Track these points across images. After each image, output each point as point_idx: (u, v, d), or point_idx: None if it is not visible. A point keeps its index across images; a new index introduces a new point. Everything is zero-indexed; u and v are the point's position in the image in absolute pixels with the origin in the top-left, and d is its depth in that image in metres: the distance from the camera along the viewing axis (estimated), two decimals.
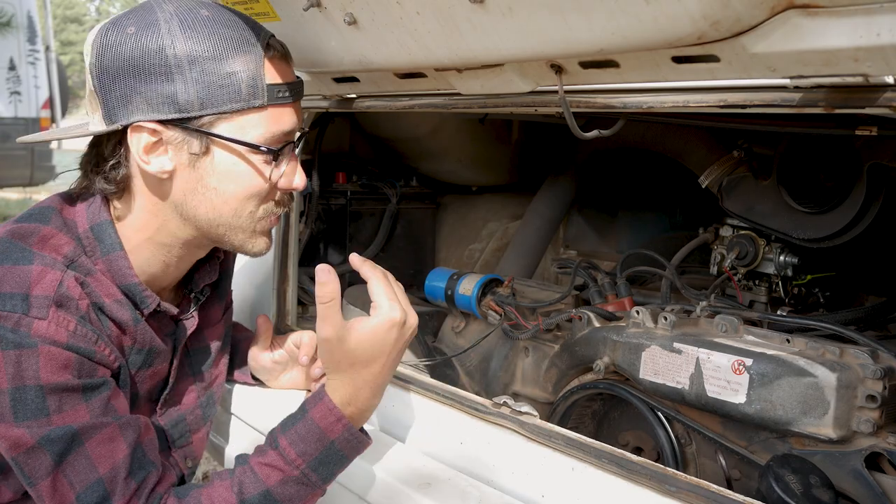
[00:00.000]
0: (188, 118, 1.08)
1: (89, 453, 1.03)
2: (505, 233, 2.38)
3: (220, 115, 1.09)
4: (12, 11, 7.77)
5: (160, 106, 1.07)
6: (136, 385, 1.21)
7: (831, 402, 1.10)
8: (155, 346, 1.21)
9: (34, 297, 1.03)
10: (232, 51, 1.08)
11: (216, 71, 1.07)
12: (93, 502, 1.02)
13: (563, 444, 1.18)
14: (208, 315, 1.41)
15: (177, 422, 1.34)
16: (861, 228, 1.38)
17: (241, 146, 1.11)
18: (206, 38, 1.07)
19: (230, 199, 1.14)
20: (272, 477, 1.10)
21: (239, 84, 1.08)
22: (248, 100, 1.09)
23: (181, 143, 1.10)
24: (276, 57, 1.13)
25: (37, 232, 1.10)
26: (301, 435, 1.12)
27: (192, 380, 1.37)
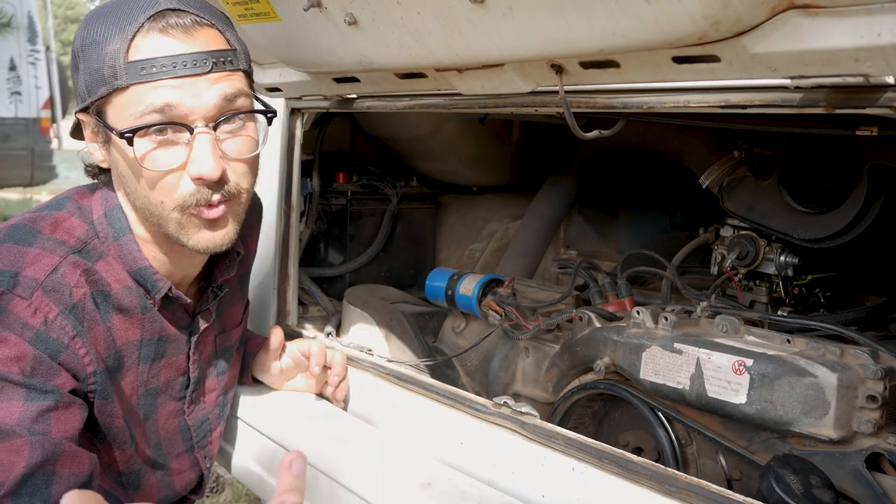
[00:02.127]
0: (87, 107, 1.09)
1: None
2: (505, 233, 2.38)
3: (101, 100, 1.07)
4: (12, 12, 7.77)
5: (77, 97, 1.10)
6: (153, 378, 1.21)
7: (832, 403, 1.10)
8: (166, 335, 1.21)
9: (23, 277, 1.02)
10: (110, 33, 1.05)
11: (95, 56, 1.06)
12: None
13: (564, 444, 1.18)
14: (232, 315, 1.41)
15: (201, 422, 1.34)
16: (861, 228, 1.38)
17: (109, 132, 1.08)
18: (96, 23, 1.07)
19: (137, 188, 1.11)
20: None
21: (104, 66, 1.05)
22: (112, 81, 1.05)
23: (96, 132, 1.13)
24: (154, 30, 1.05)
25: (49, 217, 1.11)
26: None
27: (216, 380, 1.37)
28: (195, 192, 1.09)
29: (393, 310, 1.90)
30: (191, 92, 1.05)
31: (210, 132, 1.07)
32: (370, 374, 1.57)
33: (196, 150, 1.07)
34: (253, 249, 1.47)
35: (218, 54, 1.08)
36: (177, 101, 1.04)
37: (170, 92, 1.04)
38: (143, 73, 1.03)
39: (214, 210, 1.11)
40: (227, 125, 1.11)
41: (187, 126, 1.07)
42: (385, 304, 1.93)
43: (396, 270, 2.32)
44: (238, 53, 1.12)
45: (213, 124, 1.08)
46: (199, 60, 1.05)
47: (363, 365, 1.60)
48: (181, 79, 1.05)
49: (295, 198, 1.81)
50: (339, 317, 1.97)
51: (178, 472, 1.31)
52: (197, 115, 1.06)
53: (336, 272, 2.19)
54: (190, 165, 1.07)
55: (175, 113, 1.05)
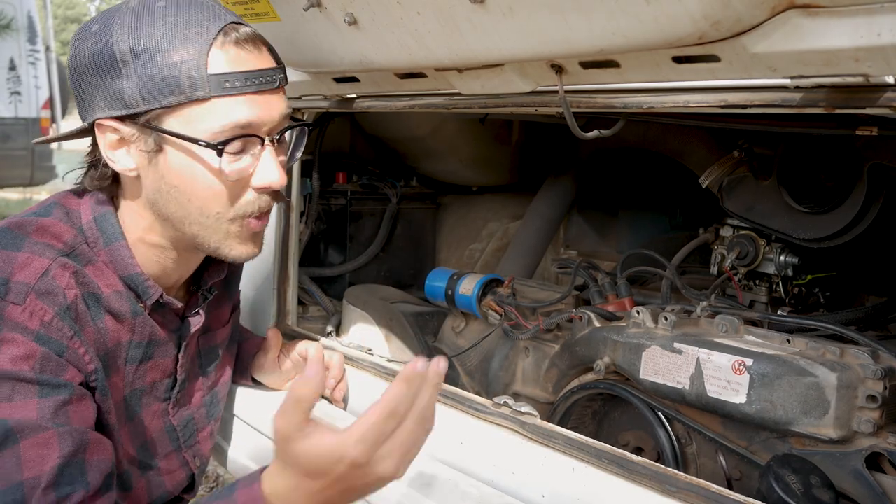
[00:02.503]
0: (137, 114, 1.06)
1: (20, 454, 0.96)
2: (505, 233, 2.38)
3: (164, 109, 1.05)
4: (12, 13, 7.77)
5: (113, 102, 1.06)
6: (139, 380, 1.21)
7: (832, 403, 1.10)
8: (156, 338, 1.20)
9: (14, 283, 1.02)
10: (176, 41, 1.04)
11: (158, 63, 1.03)
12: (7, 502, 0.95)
13: (564, 444, 1.18)
14: (218, 315, 1.41)
15: (186, 422, 1.34)
16: (861, 228, 1.38)
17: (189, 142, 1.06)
18: (152, 29, 1.04)
19: (193, 199, 1.10)
20: None
21: (178, 76, 1.03)
22: (190, 92, 1.04)
23: (137, 140, 1.08)
24: (229, 43, 1.06)
25: (35, 222, 1.10)
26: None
27: (201, 380, 1.37)
28: (256, 201, 1.13)
29: (393, 310, 1.90)
30: (265, 107, 1.10)
31: (274, 145, 1.13)
32: (370, 374, 1.57)
33: (265, 161, 1.11)
34: None
35: (280, 70, 1.13)
36: (257, 117, 1.09)
37: (251, 108, 1.08)
38: (227, 87, 1.05)
39: (263, 220, 1.16)
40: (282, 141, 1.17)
41: (260, 139, 1.11)
42: (385, 304, 1.93)
43: (396, 270, 2.32)
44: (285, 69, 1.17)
45: (276, 137, 1.13)
46: (271, 77, 1.10)
47: (363, 365, 1.60)
48: (258, 94, 1.09)
49: (295, 198, 1.81)
50: (339, 317, 1.97)
51: (167, 471, 1.31)
52: (267, 128, 1.11)
53: (336, 272, 2.19)
54: (259, 176, 1.11)
55: (253, 128, 1.09)
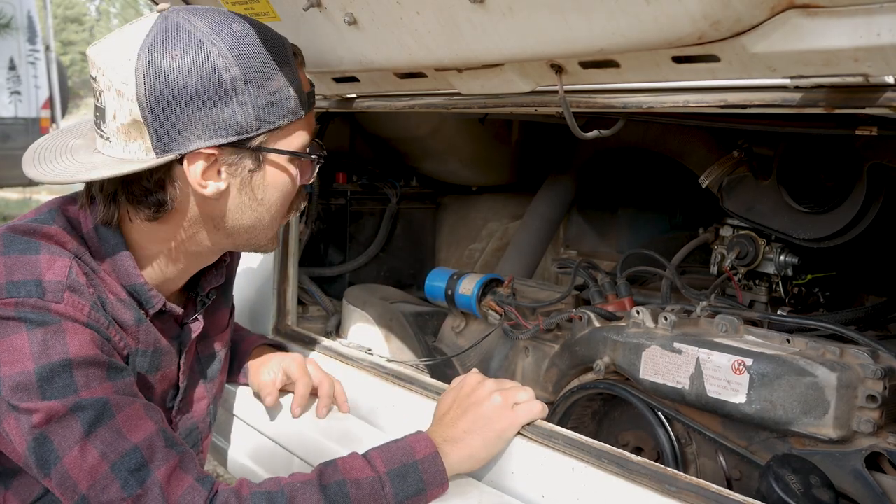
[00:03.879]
0: (248, 138, 1.09)
1: (120, 426, 1.01)
2: (505, 233, 2.38)
3: (273, 131, 1.11)
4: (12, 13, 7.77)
5: (220, 130, 1.06)
6: (147, 389, 1.21)
7: (831, 402, 1.10)
8: (160, 346, 1.21)
9: (47, 283, 1.03)
10: (275, 65, 1.09)
11: (267, 88, 1.08)
12: (131, 469, 0.99)
13: (564, 444, 1.18)
14: (216, 321, 1.40)
15: (190, 430, 1.33)
16: (861, 228, 1.38)
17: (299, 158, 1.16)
18: (252, 55, 1.07)
19: (272, 207, 1.18)
20: (351, 473, 1.09)
21: (288, 98, 1.10)
22: (297, 112, 1.12)
23: (237, 163, 1.10)
24: (300, 63, 1.16)
25: (40, 230, 1.10)
26: (390, 449, 1.15)
27: (204, 387, 1.36)
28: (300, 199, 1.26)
29: (393, 310, 1.90)
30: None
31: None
32: (370, 374, 1.57)
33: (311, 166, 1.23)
34: (237, 255, 1.47)
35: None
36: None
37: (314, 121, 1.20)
38: (310, 104, 1.18)
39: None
40: None
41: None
42: (385, 303, 1.93)
43: (396, 270, 2.32)
44: None
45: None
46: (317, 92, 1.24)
47: (363, 365, 1.60)
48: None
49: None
50: (339, 317, 1.97)
51: None
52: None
53: (336, 272, 2.19)
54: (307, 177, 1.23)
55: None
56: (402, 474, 1.11)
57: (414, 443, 1.15)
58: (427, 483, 1.12)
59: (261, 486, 1.07)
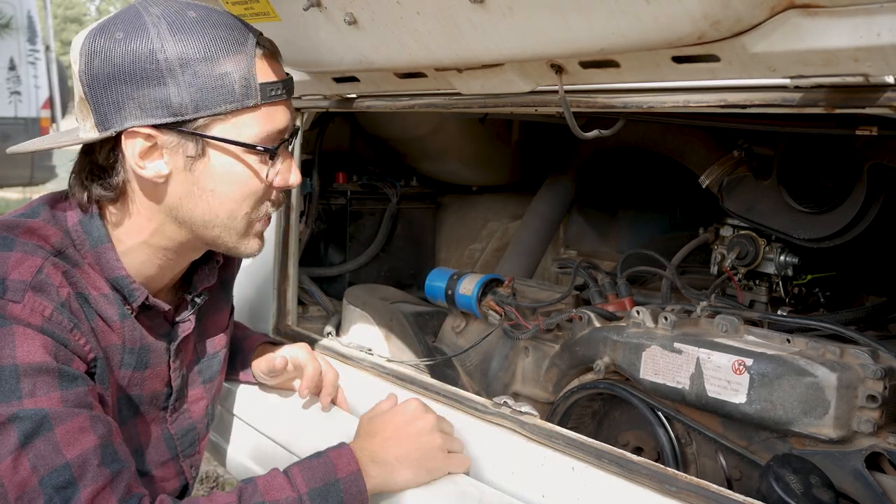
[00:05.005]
0: (182, 121, 1.07)
1: (57, 439, 0.99)
2: (505, 233, 2.38)
3: (214, 116, 1.08)
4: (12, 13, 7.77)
5: (154, 110, 1.06)
6: (135, 387, 1.20)
7: (831, 402, 1.10)
8: (146, 343, 1.20)
9: (10, 281, 1.02)
10: (223, 51, 1.07)
11: (209, 73, 1.06)
12: (57, 485, 0.97)
13: (564, 444, 1.18)
14: (216, 321, 1.40)
15: (187, 431, 1.33)
16: (861, 228, 1.38)
17: (236, 147, 1.11)
18: (196, 39, 1.06)
19: (227, 201, 1.14)
20: (271, 493, 1.08)
21: (232, 84, 1.08)
22: (242, 100, 1.09)
23: (176, 146, 1.09)
24: (266, 55, 1.13)
25: (23, 224, 1.10)
26: (311, 465, 1.12)
27: (203, 388, 1.36)
28: (276, 202, 1.21)
29: (393, 310, 1.90)
30: (291, 113, 1.18)
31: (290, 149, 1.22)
32: (370, 373, 1.57)
33: (287, 164, 1.19)
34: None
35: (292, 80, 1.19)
36: (289, 124, 1.17)
37: (285, 115, 1.16)
38: (272, 95, 1.12)
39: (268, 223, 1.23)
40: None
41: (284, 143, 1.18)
42: (385, 303, 1.93)
43: (396, 270, 2.32)
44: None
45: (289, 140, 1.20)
46: (291, 85, 1.18)
47: (363, 365, 1.60)
48: (287, 101, 1.17)
49: (295, 197, 1.81)
50: (339, 317, 1.97)
51: (161, 480, 1.30)
52: (288, 133, 1.18)
53: (336, 272, 2.19)
54: (283, 177, 1.18)
55: (285, 133, 1.17)
56: (322, 494, 1.09)
57: (336, 459, 1.13)
58: (346, 499, 1.10)
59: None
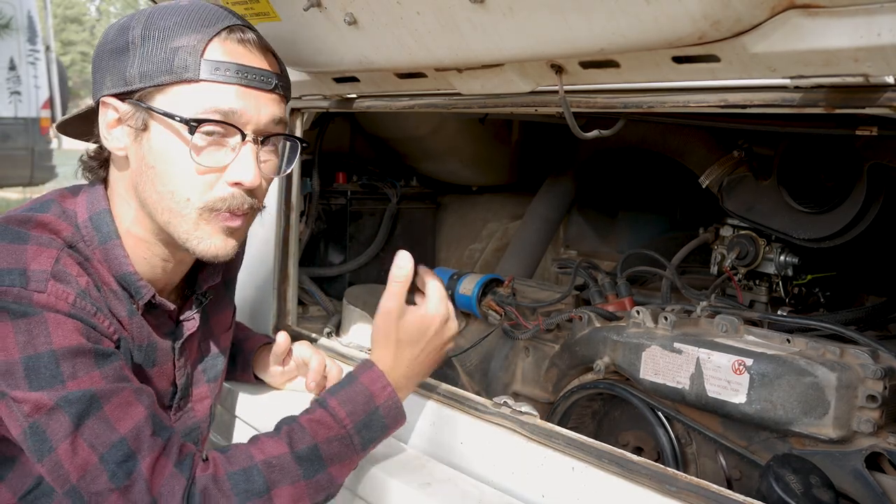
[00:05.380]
0: (131, 91, 1.10)
1: (108, 416, 1.02)
2: (505, 233, 2.39)
3: (155, 87, 1.09)
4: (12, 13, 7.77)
5: (116, 82, 1.11)
6: (146, 383, 1.21)
7: (831, 402, 1.10)
8: (153, 341, 1.21)
9: (31, 272, 1.03)
10: (183, 30, 1.09)
11: (160, 47, 1.09)
12: (118, 461, 1.01)
13: (564, 444, 1.18)
14: (220, 320, 1.41)
15: (191, 430, 1.33)
16: (861, 228, 1.38)
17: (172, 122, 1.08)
18: (166, 20, 1.10)
19: (167, 181, 1.11)
20: (320, 433, 1.13)
21: (174, 57, 1.08)
22: (180, 72, 1.08)
23: (130, 117, 1.12)
24: (231, 39, 1.11)
25: (34, 218, 1.11)
26: (350, 396, 1.17)
27: (207, 387, 1.36)
28: (228, 198, 1.13)
29: None
30: (253, 104, 1.11)
31: (257, 145, 1.14)
32: None
33: (242, 157, 1.12)
34: (240, 255, 1.47)
35: (279, 77, 1.16)
36: (241, 109, 1.10)
37: (236, 98, 1.10)
38: (217, 73, 1.09)
39: (237, 219, 1.15)
40: (267, 145, 1.18)
41: (241, 133, 1.12)
42: None
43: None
44: (289, 85, 1.21)
45: (261, 139, 1.14)
46: (266, 77, 1.13)
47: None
48: (248, 89, 1.11)
49: (295, 198, 1.81)
50: (339, 316, 1.97)
51: None
52: (251, 126, 1.12)
53: (336, 272, 2.19)
54: (232, 170, 1.12)
55: (236, 119, 1.11)
56: (367, 424, 1.17)
57: (371, 385, 1.19)
58: (389, 425, 1.20)
59: (232, 464, 1.08)
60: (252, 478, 1.07)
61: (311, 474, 1.11)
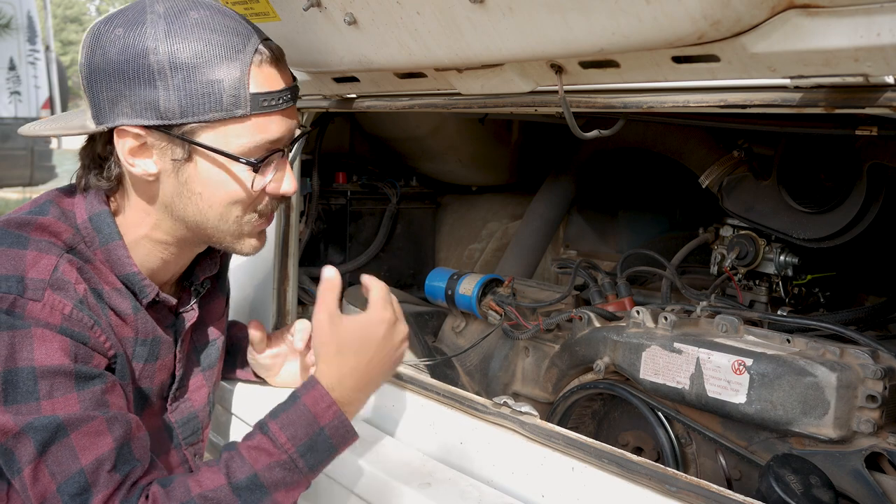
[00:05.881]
0: (170, 125, 1.07)
1: (73, 445, 1.01)
2: (505, 233, 2.38)
3: (201, 123, 1.08)
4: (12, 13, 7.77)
5: (143, 111, 1.07)
6: (146, 379, 1.21)
7: (831, 402, 1.10)
8: (158, 336, 1.21)
9: (30, 280, 1.03)
10: (216, 57, 1.06)
11: (198, 79, 1.06)
12: (73, 493, 1.00)
13: (563, 444, 1.18)
14: (211, 310, 1.41)
15: (188, 419, 1.33)
16: (861, 228, 1.38)
17: (224, 157, 1.10)
18: (190, 43, 1.05)
19: (214, 205, 1.15)
20: (260, 460, 1.08)
21: (221, 93, 1.07)
22: (231, 109, 1.08)
23: (164, 148, 1.10)
24: (265, 62, 1.11)
25: (34, 221, 1.10)
26: (291, 419, 1.11)
27: (202, 376, 1.36)
28: (268, 206, 1.20)
29: None
30: (289, 123, 1.16)
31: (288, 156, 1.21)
32: None
33: (285, 172, 1.19)
34: None
35: (297, 87, 1.19)
36: (285, 134, 1.15)
37: (280, 125, 1.14)
38: (265, 106, 1.11)
39: (269, 221, 1.24)
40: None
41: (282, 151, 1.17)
42: None
43: (396, 270, 2.32)
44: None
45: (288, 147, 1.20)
46: (293, 94, 1.17)
47: None
48: (285, 112, 1.15)
49: (295, 197, 1.81)
50: None
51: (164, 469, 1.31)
52: (287, 142, 1.18)
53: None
54: (280, 186, 1.19)
55: (280, 143, 1.16)
56: (310, 447, 1.10)
57: (314, 406, 1.12)
58: (337, 445, 1.13)
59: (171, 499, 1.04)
60: None
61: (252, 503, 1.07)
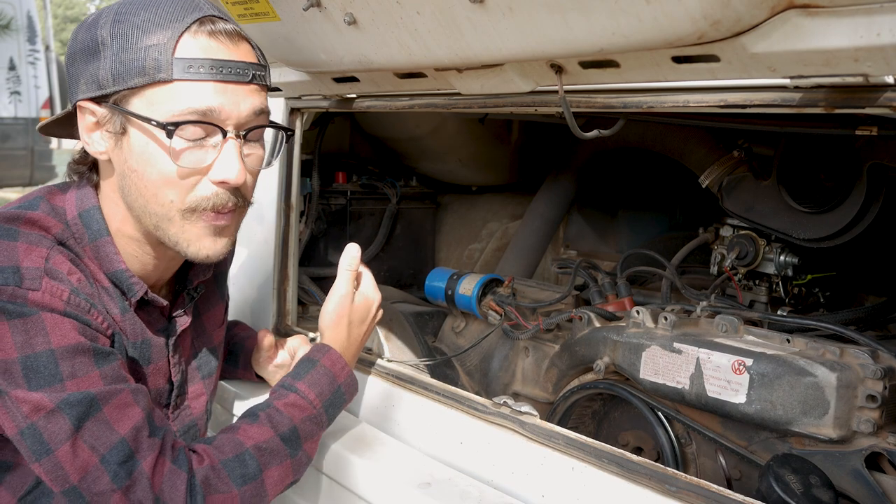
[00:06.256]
0: (106, 95, 1.07)
1: (107, 417, 1.03)
2: (505, 233, 2.38)
3: (130, 90, 1.06)
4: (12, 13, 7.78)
5: (90, 85, 1.09)
6: (142, 381, 1.21)
7: (831, 402, 1.10)
8: (147, 338, 1.20)
9: (25, 269, 1.03)
10: (152, 27, 1.06)
11: (131, 47, 1.05)
12: (119, 461, 1.02)
13: (563, 444, 1.18)
14: (211, 316, 1.40)
15: (188, 427, 1.33)
16: (861, 228, 1.38)
17: (148, 124, 1.06)
18: (134, 18, 1.07)
19: (148, 184, 1.09)
20: (297, 415, 1.21)
21: (146, 57, 1.05)
22: (153, 73, 1.05)
23: (108, 122, 1.10)
24: (203, 32, 1.07)
25: (23, 216, 1.09)
26: (316, 379, 1.27)
27: (202, 384, 1.36)
28: (212, 196, 1.11)
29: (393, 310, 1.90)
30: (231, 99, 1.08)
31: (239, 140, 1.11)
32: (370, 374, 1.57)
33: (225, 154, 1.10)
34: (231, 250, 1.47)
35: (256, 67, 1.12)
36: (218, 106, 1.07)
37: (213, 95, 1.07)
38: (191, 72, 1.05)
39: (223, 217, 1.13)
40: (250, 138, 1.14)
41: (222, 130, 1.09)
42: (385, 303, 1.93)
43: (396, 270, 2.32)
44: (268, 71, 1.17)
45: (242, 133, 1.11)
46: (242, 69, 1.09)
47: (363, 365, 1.60)
48: (224, 84, 1.08)
49: (294, 198, 1.81)
50: None
51: None
52: (231, 121, 1.09)
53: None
54: (216, 169, 1.10)
55: (215, 117, 1.08)
56: (332, 402, 1.28)
57: (332, 367, 1.30)
58: (348, 398, 1.32)
59: (224, 452, 1.12)
60: (245, 462, 1.12)
61: (295, 453, 1.19)
